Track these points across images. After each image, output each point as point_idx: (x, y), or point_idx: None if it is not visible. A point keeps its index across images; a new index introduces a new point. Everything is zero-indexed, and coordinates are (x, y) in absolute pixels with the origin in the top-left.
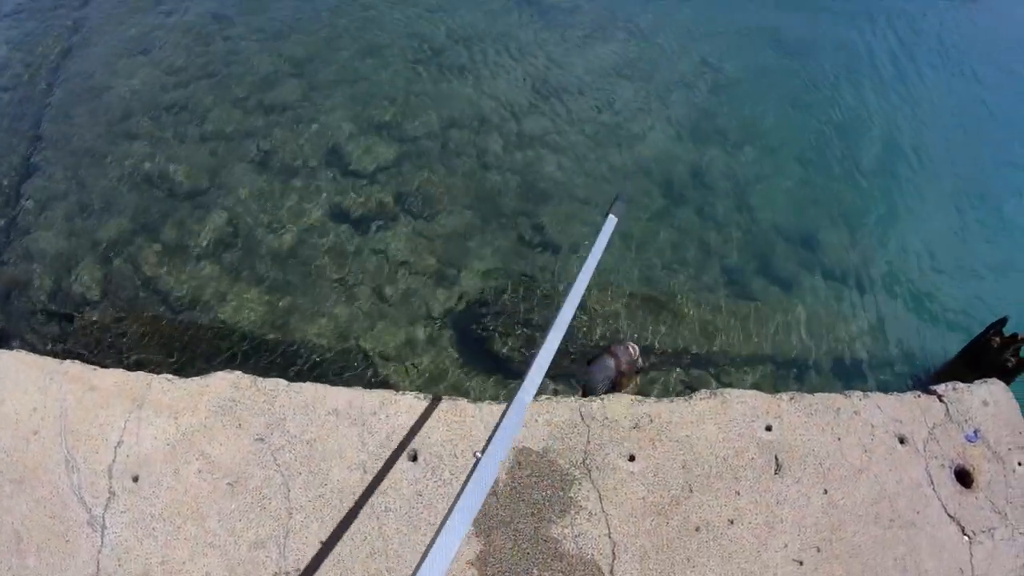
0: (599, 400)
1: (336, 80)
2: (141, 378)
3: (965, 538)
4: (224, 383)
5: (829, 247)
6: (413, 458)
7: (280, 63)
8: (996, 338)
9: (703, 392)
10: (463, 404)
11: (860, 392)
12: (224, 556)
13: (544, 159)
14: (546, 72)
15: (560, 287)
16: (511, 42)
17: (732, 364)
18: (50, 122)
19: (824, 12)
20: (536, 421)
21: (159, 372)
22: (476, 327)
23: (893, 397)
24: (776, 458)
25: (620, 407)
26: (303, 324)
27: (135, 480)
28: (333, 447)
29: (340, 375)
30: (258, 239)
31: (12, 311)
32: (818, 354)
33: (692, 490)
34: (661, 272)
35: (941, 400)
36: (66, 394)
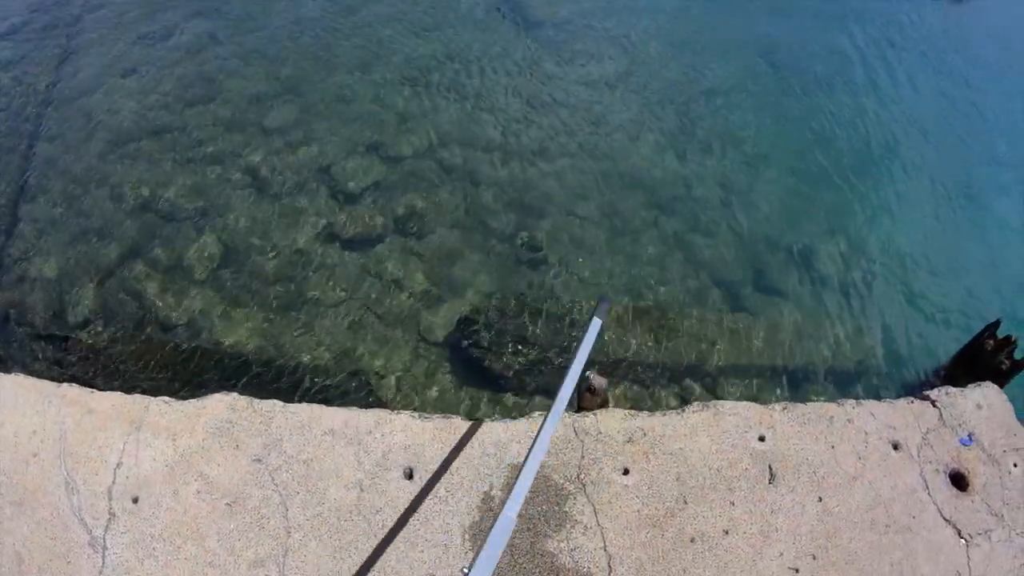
0: (592, 415)
1: (329, 100)
2: (139, 400)
3: (962, 541)
4: (221, 405)
5: (819, 255)
6: (409, 476)
7: (274, 84)
8: (990, 341)
9: (695, 405)
10: (457, 422)
11: (853, 400)
12: (224, 575)
13: (535, 175)
14: (539, 87)
15: (545, 305)
16: (503, 59)
17: (724, 376)
18: (46, 143)
19: (813, 18)
20: (530, 437)
21: (156, 395)
22: (469, 344)
23: (886, 404)
24: (770, 468)
25: (613, 422)
26: (298, 345)
27: (135, 501)
28: (330, 466)
29: (336, 395)
30: (252, 261)
31: (10, 335)
32: (810, 363)
33: (687, 502)
34: (652, 284)
35: (934, 405)
36: (65, 417)
